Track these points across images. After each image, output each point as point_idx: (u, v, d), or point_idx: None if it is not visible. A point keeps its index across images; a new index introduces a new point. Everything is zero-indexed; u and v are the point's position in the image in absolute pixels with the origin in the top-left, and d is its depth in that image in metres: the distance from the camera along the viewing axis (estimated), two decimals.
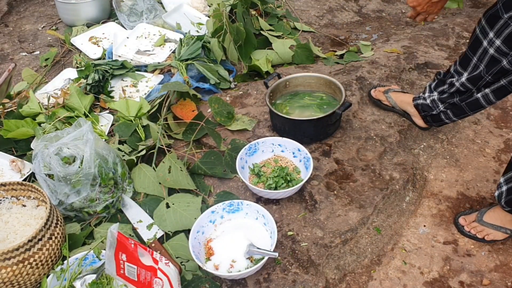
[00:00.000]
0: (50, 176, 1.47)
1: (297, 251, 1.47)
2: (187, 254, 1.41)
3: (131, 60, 2.33)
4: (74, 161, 1.49)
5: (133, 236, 1.52)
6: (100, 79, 2.10)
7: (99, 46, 2.54)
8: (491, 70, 1.47)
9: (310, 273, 1.42)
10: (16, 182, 1.47)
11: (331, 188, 1.65)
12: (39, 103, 1.97)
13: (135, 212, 1.59)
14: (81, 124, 1.51)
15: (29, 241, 1.26)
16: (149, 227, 1.54)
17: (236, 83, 2.28)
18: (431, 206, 1.70)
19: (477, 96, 1.59)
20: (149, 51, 2.42)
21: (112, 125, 1.95)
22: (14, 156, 1.80)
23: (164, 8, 2.81)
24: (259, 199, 1.64)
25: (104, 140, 1.78)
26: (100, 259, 1.35)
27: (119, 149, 1.78)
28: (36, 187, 1.45)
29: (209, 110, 1.96)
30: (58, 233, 1.37)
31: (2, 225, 1.42)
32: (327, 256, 1.46)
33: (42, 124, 1.90)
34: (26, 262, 1.26)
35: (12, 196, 1.48)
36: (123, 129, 1.88)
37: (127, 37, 2.48)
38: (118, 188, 1.58)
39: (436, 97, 1.73)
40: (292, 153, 1.73)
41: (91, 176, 1.46)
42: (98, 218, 1.57)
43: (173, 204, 1.58)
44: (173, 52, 2.40)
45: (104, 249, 1.25)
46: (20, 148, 1.85)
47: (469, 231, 1.57)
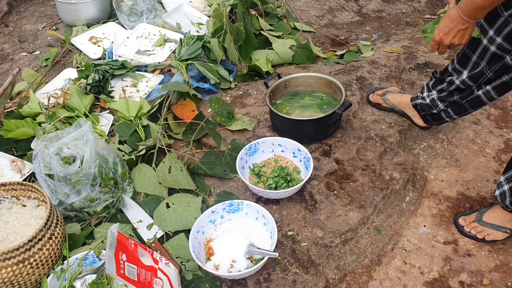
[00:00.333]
0: (50, 176, 1.47)
1: (297, 251, 1.47)
2: (187, 254, 1.41)
3: (131, 60, 2.33)
4: (74, 161, 1.49)
5: (133, 236, 1.52)
6: (100, 79, 2.10)
7: (99, 46, 2.54)
8: (493, 67, 1.46)
9: (310, 273, 1.42)
10: (16, 182, 1.48)
11: (331, 188, 1.65)
12: (39, 103, 1.97)
13: (135, 212, 1.59)
14: (81, 124, 1.51)
15: (29, 241, 1.26)
16: (149, 227, 1.54)
17: (236, 83, 2.28)
18: (431, 206, 1.70)
19: (478, 93, 1.59)
20: (149, 51, 2.42)
21: (112, 125, 1.95)
22: (14, 156, 1.80)
23: (164, 8, 2.81)
24: (259, 199, 1.64)
25: (104, 140, 1.78)
26: (100, 259, 1.35)
27: (119, 149, 1.78)
28: (36, 187, 1.45)
29: (209, 110, 1.96)
30: (58, 233, 1.37)
31: (2, 225, 1.42)
32: (327, 256, 1.46)
33: (42, 124, 1.90)
34: (26, 262, 1.26)
35: (12, 196, 1.48)
36: (123, 129, 1.88)
37: (127, 37, 2.48)
38: (118, 188, 1.58)
39: (435, 96, 1.73)
40: (292, 153, 1.73)
41: (91, 176, 1.46)
42: (98, 218, 1.57)
43: (173, 204, 1.58)
44: (173, 52, 2.40)
45: (104, 249, 1.25)
46: (20, 148, 1.85)
47: (469, 232, 1.57)
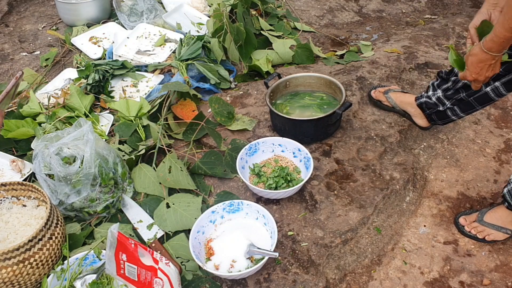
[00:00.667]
0: (51, 176, 1.47)
1: (297, 251, 1.47)
2: (188, 254, 1.41)
3: (132, 60, 2.33)
4: (74, 161, 1.49)
5: (133, 236, 1.52)
6: (101, 79, 2.10)
7: (99, 46, 2.54)
8: (505, 64, 1.43)
9: (310, 273, 1.42)
10: (16, 182, 1.48)
11: (331, 188, 1.65)
12: (39, 103, 1.98)
13: (135, 212, 1.59)
14: (81, 124, 1.51)
15: (30, 241, 1.26)
16: (149, 227, 1.54)
17: (236, 83, 2.28)
18: (432, 206, 1.70)
19: (486, 90, 1.56)
20: (149, 51, 2.42)
21: (113, 125, 1.95)
22: (15, 156, 1.80)
23: (164, 8, 2.81)
24: (259, 199, 1.64)
25: (104, 140, 1.78)
26: (100, 259, 1.35)
27: (119, 149, 1.78)
28: (36, 187, 1.45)
29: (210, 110, 1.96)
30: (58, 233, 1.37)
31: (2, 225, 1.42)
32: (327, 256, 1.46)
33: (42, 124, 1.90)
34: (26, 262, 1.26)
35: (12, 196, 1.48)
36: (124, 129, 1.88)
37: (128, 37, 2.48)
38: (118, 188, 1.58)
39: (441, 95, 1.72)
40: (292, 153, 1.73)
41: (92, 176, 1.46)
42: (99, 218, 1.57)
43: (173, 204, 1.58)
44: (174, 52, 2.40)
45: (105, 249, 1.25)
46: (20, 148, 1.85)
47: (470, 231, 1.57)
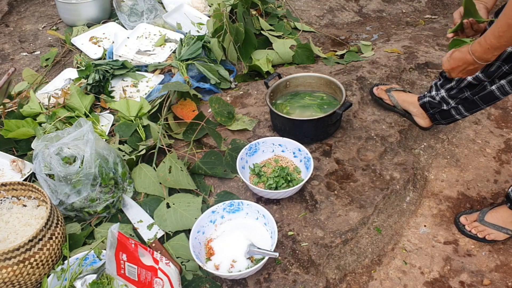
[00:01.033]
0: (51, 176, 1.47)
1: (297, 251, 1.47)
2: (188, 254, 1.41)
3: (132, 60, 2.33)
4: (74, 161, 1.49)
5: (133, 236, 1.52)
6: (101, 79, 2.10)
7: (99, 46, 2.54)
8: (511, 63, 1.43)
9: (310, 273, 1.42)
10: (16, 182, 1.48)
11: (331, 188, 1.65)
12: (39, 103, 1.97)
13: (135, 212, 1.59)
14: (81, 124, 1.51)
15: (30, 241, 1.26)
16: (150, 227, 1.54)
17: (236, 83, 2.28)
18: (432, 206, 1.70)
19: (491, 88, 1.55)
20: (149, 51, 2.42)
21: (113, 125, 1.95)
22: (15, 156, 1.80)
23: (164, 8, 2.81)
24: (259, 199, 1.64)
25: (104, 140, 1.78)
26: (100, 259, 1.35)
27: (119, 149, 1.78)
28: (36, 187, 1.45)
29: (210, 110, 1.96)
30: (58, 233, 1.37)
31: (2, 225, 1.42)
32: (327, 256, 1.46)
33: (42, 124, 1.90)
34: (26, 262, 1.26)
35: (12, 196, 1.49)
36: (124, 129, 1.88)
37: (128, 37, 2.48)
38: (118, 188, 1.58)
39: (445, 94, 1.72)
40: (292, 153, 1.73)
41: (92, 176, 1.46)
42: (99, 218, 1.57)
43: (173, 204, 1.58)
44: (174, 52, 2.40)
45: (105, 249, 1.26)
46: (20, 148, 1.85)
47: (470, 231, 1.57)
